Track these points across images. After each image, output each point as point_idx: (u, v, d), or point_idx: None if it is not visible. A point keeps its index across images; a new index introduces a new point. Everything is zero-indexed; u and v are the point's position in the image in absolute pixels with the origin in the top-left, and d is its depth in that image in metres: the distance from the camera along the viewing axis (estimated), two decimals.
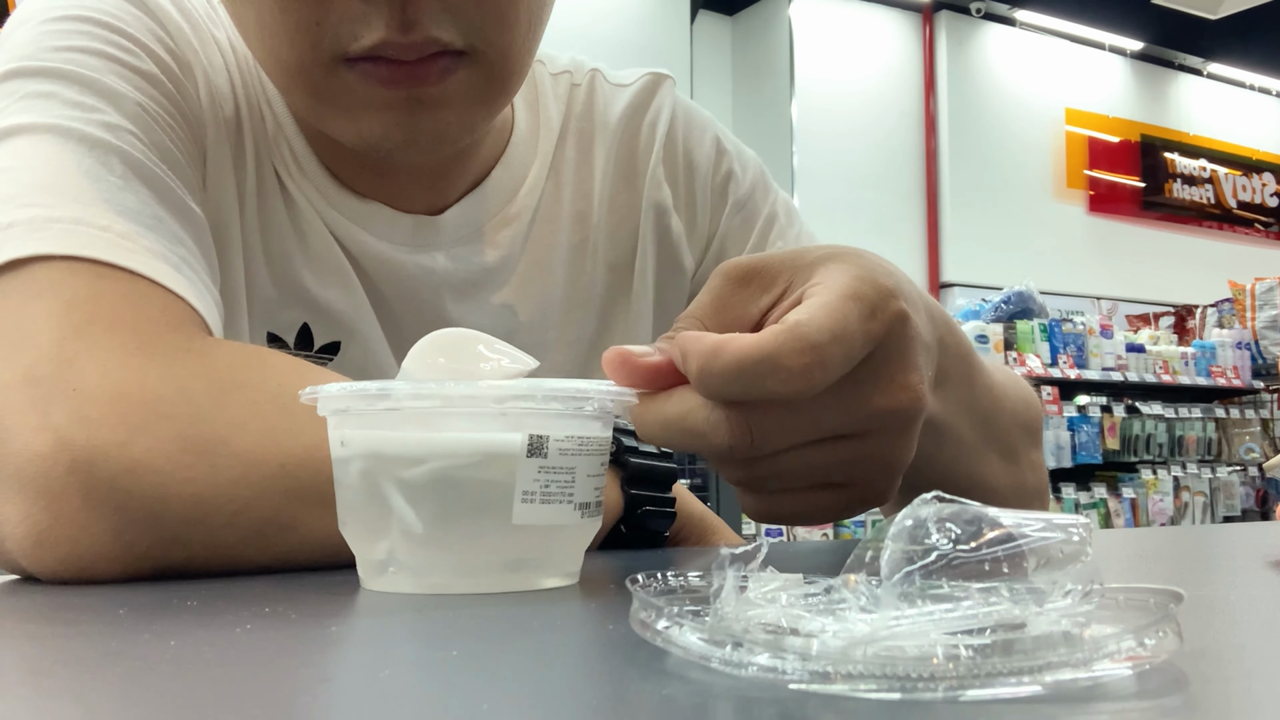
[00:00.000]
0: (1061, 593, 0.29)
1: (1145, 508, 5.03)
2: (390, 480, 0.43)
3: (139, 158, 0.60)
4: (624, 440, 0.60)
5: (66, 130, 0.59)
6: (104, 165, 0.58)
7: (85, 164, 0.58)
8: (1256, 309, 5.52)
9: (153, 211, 0.59)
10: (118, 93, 0.62)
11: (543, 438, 0.43)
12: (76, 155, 0.58)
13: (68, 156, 0.58)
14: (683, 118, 0.85)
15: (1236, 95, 8.20)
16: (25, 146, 0.58)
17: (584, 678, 0.30)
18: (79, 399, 0.49)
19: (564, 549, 0.46)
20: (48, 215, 0.55)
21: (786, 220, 0.87)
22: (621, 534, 0.61)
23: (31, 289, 0.53)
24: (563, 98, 0.82)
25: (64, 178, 0.57)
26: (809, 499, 0.49)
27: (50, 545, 0.48)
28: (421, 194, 0.74)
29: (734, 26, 6.52)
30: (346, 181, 0.73)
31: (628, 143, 0.83)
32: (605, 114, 0.83)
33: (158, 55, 0.65)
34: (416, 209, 0.74)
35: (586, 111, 0.83)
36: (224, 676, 0.29)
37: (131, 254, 0.55)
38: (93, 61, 0.62)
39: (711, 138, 0.86)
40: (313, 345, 0.72)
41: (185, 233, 0.60)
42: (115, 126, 0.60)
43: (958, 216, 6.67)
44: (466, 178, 0.76)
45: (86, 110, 0.60)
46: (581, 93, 0.83)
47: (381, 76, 0.61)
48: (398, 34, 0.58)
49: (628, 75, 0.85)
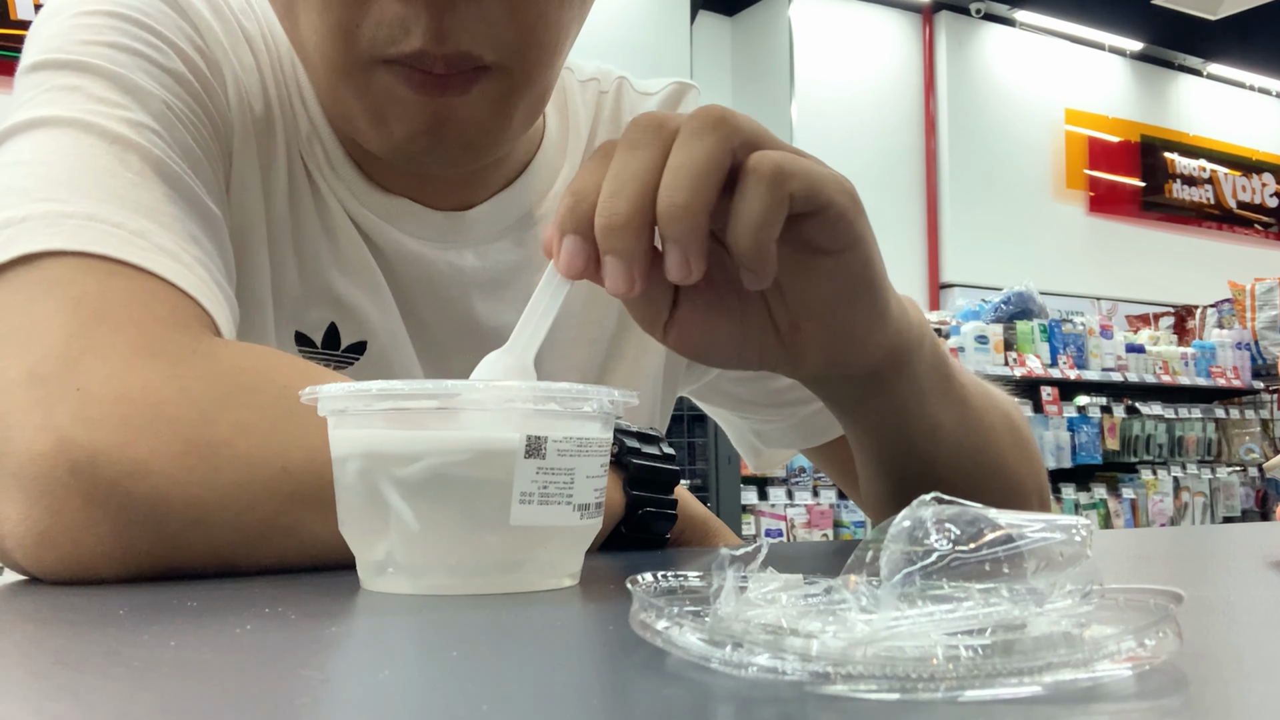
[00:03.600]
0: (1061, 593, 0.29)
1: (1145, 508, 5.03)
2: (386, 478, 0.43)
3: (159, 155, 0.60)
4: (626, 442, 0.60)
5: (87, 125, 0.59)
6: (122, 161, 0.58)
7: (103, 160, 0.58)
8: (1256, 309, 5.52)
9: (168, 209, 0.58)
10: (144, 90, 0.62)
11: (541, 438, 0.43)
12: (95, 150, 0.58)
13: (86, 151, 0.58)
14: None
15: (1236, 95, 8.20)
16: (46, 140, 0.58)
17: (584, 678, 0.30)
18: (82, 399, 0.49)
19: (563, 550, 0.46)
20: (61, 210, 0.55)
21: None
22: (623, 535, 0.61)
23: (41, 285, 0.53)
24: (590, 104, 0.83)
25: (81, 173, 0.57)
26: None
27: (51, 545, 0.48)
28: (452, 194, 0.75)
29: (734, 27, 6.52)
30: (378, 180, 0.73)
31: None
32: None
33: (186, 54, 0.65)
34: (446, 208, 0.75)
35: (614, 118, 0.83)
36: (224, 677, 0.29)
37: (143, 252, 0.55)
38: (121, 57, 0.62)
39: None
40: (339, 345, 0.72)
41: (201, 232, 0.60)
42: (138, 124, 0.60)
43: (957, 217, 6.67)
44: (498, 179, 0.77)
45: (110, 106, 0.60)
46: (609, 100, 0.83)
47: (414, 81, 0.61)
48: (433, 44, 0.59)
49: (654, 84, 0.85)
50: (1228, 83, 8.13)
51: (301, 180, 0.71)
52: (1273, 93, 8.36)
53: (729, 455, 3.72)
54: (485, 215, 0.76)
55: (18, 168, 0.57)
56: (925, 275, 6.60)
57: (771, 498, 4.20)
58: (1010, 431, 0.72)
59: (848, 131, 6.37)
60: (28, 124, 0.59)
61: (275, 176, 0.70)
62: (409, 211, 0.73)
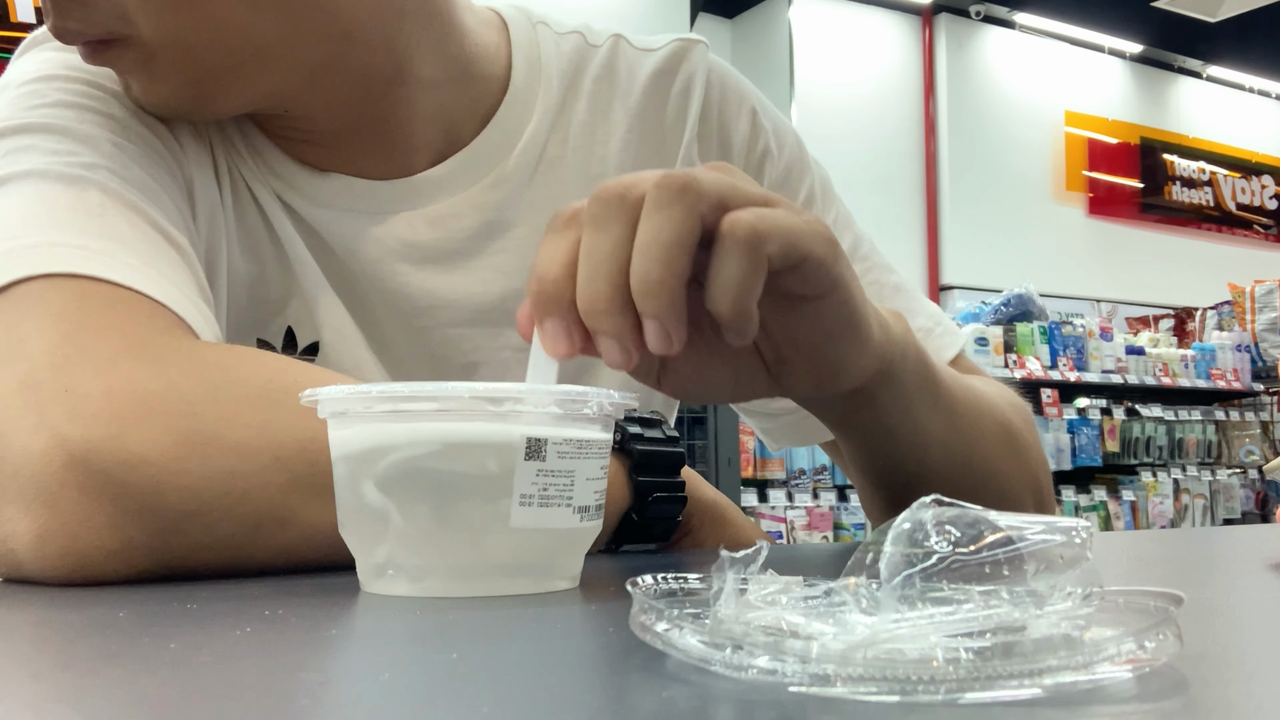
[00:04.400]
0: (1062, 595, 0.29)
1: (1145, 510, 5.03)
2: (365, 475, 0.43)
3: (116, 188, 0.62)
4: (628, 429, 0.60)
5: (44, 173, 0.61)
6: (80, 198, 0.60)
7: (63, 199, 0.60)
8: (1256, 311, 5.52)
9: (130, 233, 0.60)
10: (93, 136, 0.64)
11: (541, 440, 0.42)
12: (54, 191, 0.60)
13: (46, 194, 0.60)
14: (718, 88, 0.82)
15: (1236, 98, 8.20)
16: (6, 194, 0.61)
17: (584, 680, 0.30)
18: (73, 398, 0.49)
19: (563, 553, 0.46)
20: (24, 244, 0.57)
21: (824, 203, 0.84)
22: (634, 523, 0.60)
23: (19, 309, 0.54)
24: (568, 55, 0.80)
25: (40, 212, 0.59)
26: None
27: (51, 541, 0.48)
28: (394, 161, 0.73)
29: (734, 29, 6.53)
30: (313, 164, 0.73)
31: (654, 110, 0.80)
32: (629, 78, 0.80)
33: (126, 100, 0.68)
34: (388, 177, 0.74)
35: (606, 75, 0.80)
36: (223, 679, 0.29)
37: (110, 268, 0.56)
38: (68, 113, 0.65)
39: (749, 111, 0.83)
40: (297, 348, 0.73)
41: (165, 255, 0.61)
42: (92, 165, 0.62)
43: (957, 219, 6.67)
44: (434, 139, 0.75)
45: (64, 155, 0.62)
46: (600, 54, 0.81)
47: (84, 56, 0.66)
48: (52, 20, 0.64)
49: (655, 40, 0.83)
50: (1227, 85, 8.12)
51: (242, 190, 0.73)
52: (1272, 95, 8.36)
53: (729, 457, 3.72)
54: (437, 179, 0.74)
55: None
56: (925, 277, 6.59)
57: (771, 500, 4.20)
58: (1003, 436, 0.71)
59: (848, 133, 6.37)
60: None
61: (224, 192, 0.72)
62: (350, 187, 0.73)
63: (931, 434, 0.64)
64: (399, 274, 0.73)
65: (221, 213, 0.71)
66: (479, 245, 0.75)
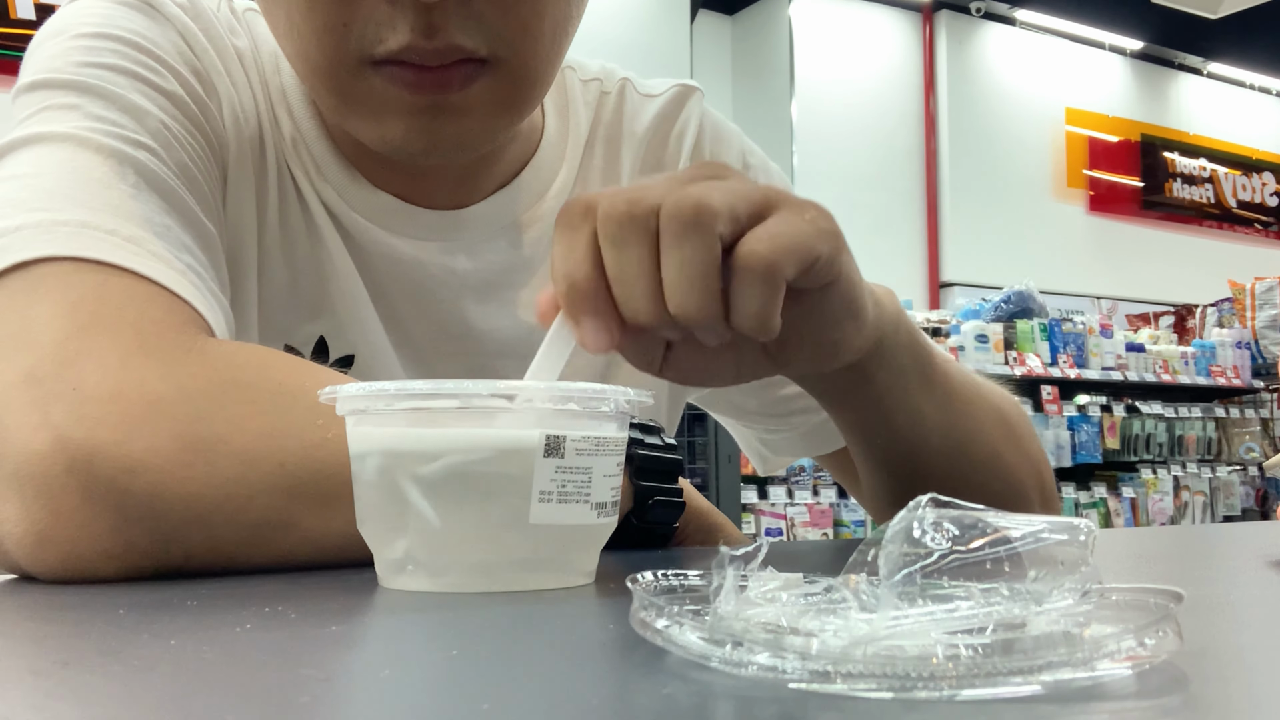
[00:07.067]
0: (1061, 592, 0.29)
1: (1145, 507, 5.03)
2: (406, 476, 0.43)
3: (154, 170, 0.61)
4: (630, 433, 0.60)
5: (84, 140, 0.60)
6: (118, 174, 0.59)
7: (98, 172, 0.58)
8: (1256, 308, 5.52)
9: (162, 220, 0.59)
10: (141, 109, 0.63)
11: (560, 438, 0.43)
12: (91, 164, 0.59)
13: (81, 165, 0.59)
14: (710, 131, 0.85)
15: (1236, 95, 8.20)
16: (43, 155, 0.59)
17: (584, 677, 0.30)
18: (78, 398, 0.49)
19: (580, 549, 0.46)
20: (54, 219, 0.55)
21: None
22: (632, 527, 0.61)
23: (37, 290, 0.53)
24: (592, 104, 0.82)
25: (76, 184, 0.57)
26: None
27: (50, 544, 0.48)
28: (447, 193, 0.75)
29: (734, 26, 6.52)
30: (369, 178, 0.73)
31: (655, 153, 0.83)
32: (633, 123, 0.83)
33: (183, 76, 0.66)
34: (440, 207, 0.75)
35: (615, 119, 0.83)
36: (223, 676, 0.29)
37: (137, 257, 0.56)
38: (119, 79, 0.63)
39: (737, 152, 0.86)
40: (328, 358, 0.73)
41: (194, 243, 0.61)
42: (134, 141, 0.61)
43: (957, 216, 6.67)
44: (493, 178, 0.76)
45: (108, 124, 0.61)
46: (611, 100, 0.83)
47: (406, 80, 0.61)
48: (422, 39, 0.59)
49: (657, 85, 0.85)
50: (1228, 82, 8.12)
51: (290, 192, 0.72)
52: (1273, 92, 8.35)
53: (729, 455, 3.73)
54: (481, 215, 0.76)
55: (14, 181, 0.58)
56: (925, 274, 6.59)
57: (772, 497, 4.20)
58: (1002, 424, 0.72)
59: (848, 130, 6.37)
60: (25, 140, 0.60)
61: (267, 192, 0.71)
62: (400, 210, 0.73)
63: (926, 412, 0.65)
64: (440, 300, 0.75)
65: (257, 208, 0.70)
66: (511, 279, 0.77)
